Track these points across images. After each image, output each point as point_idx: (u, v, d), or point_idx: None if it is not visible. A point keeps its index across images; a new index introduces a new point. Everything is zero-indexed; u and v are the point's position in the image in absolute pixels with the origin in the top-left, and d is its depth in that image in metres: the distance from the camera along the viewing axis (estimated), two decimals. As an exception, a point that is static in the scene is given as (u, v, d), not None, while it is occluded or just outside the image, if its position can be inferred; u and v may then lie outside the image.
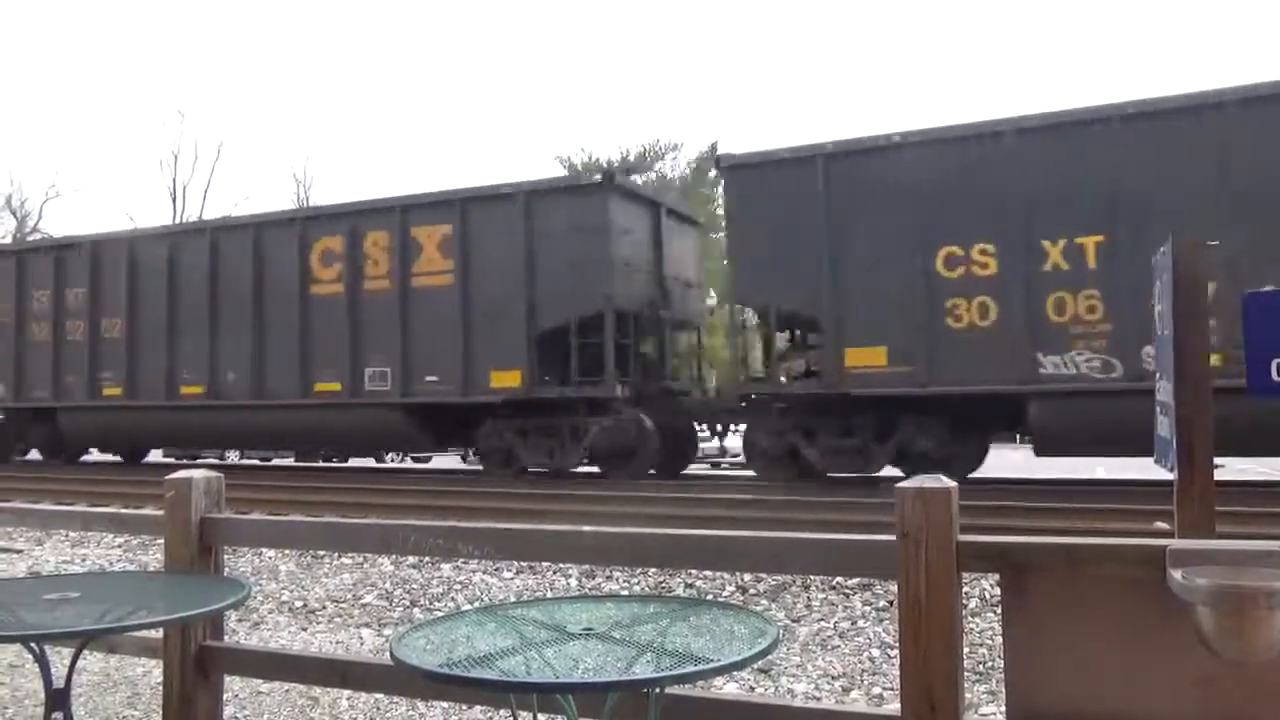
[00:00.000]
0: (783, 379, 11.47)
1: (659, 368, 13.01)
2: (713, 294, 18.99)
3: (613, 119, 66.67)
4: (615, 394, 11.75)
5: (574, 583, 6.53)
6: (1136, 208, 9.30)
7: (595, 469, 12.52)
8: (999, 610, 5.28)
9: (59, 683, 2.62)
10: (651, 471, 12.52)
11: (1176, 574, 1.88)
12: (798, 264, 10.82)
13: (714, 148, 41.11)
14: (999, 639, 4.95)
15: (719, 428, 13.12)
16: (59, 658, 3.34)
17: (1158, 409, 2.51)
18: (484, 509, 9.84)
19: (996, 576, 5.06)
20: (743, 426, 12.16)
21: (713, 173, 12.39)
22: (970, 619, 5.32)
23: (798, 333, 12.01)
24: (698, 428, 13.29)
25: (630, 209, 12.53)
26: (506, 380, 12.10)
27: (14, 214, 47.98)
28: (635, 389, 12.21)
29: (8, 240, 42.59)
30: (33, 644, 2.56)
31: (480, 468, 13.55)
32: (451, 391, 12.42)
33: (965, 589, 3.09)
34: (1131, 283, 8.94)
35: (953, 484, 2.19)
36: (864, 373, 10.54)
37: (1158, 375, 2.47)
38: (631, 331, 12.24)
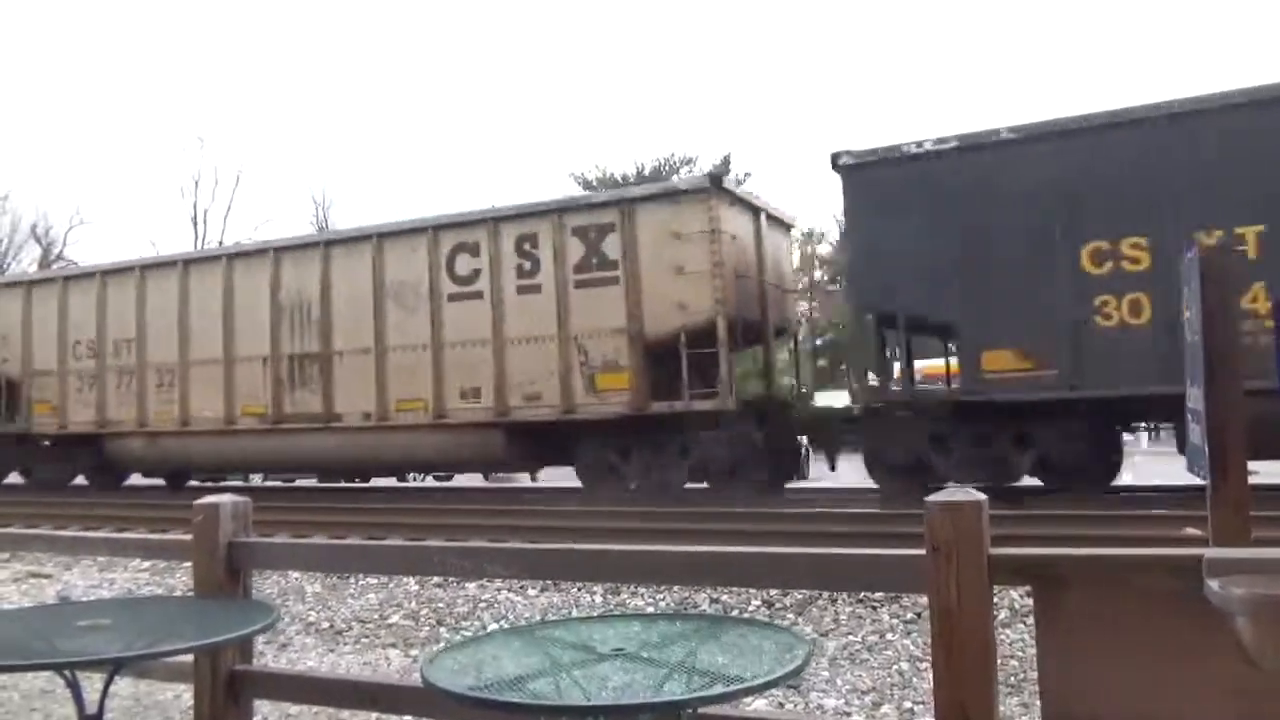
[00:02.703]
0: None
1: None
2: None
3: (627, 134, 67.07)
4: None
5: (599, 599, 6.50)
6: None
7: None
8: (1029, 621, 5.25)
9: (92, 709, 2.63)
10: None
11: (1214, 584, 1.85)
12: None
13: (727, 160, 41.20)
14: (1030, 650, 4.89)
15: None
16: (90, 684, 3.36)
17: (1188, 416, 2.47)
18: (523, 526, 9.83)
19: (1028, 588, 4.99)
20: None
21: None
22: (1000, 630, 5.26)
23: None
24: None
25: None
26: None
27: (39, 242, 48.69)
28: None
29: (34, 269, 43.23)
30: (66, 671, 2.58)
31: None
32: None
33: (994, 600, 3.06)
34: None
35: (982, 496, 2.17)
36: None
37: (1188, 382, 2.44)
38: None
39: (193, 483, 16.40)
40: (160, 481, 16.89)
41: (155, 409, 14.82)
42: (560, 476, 14.46)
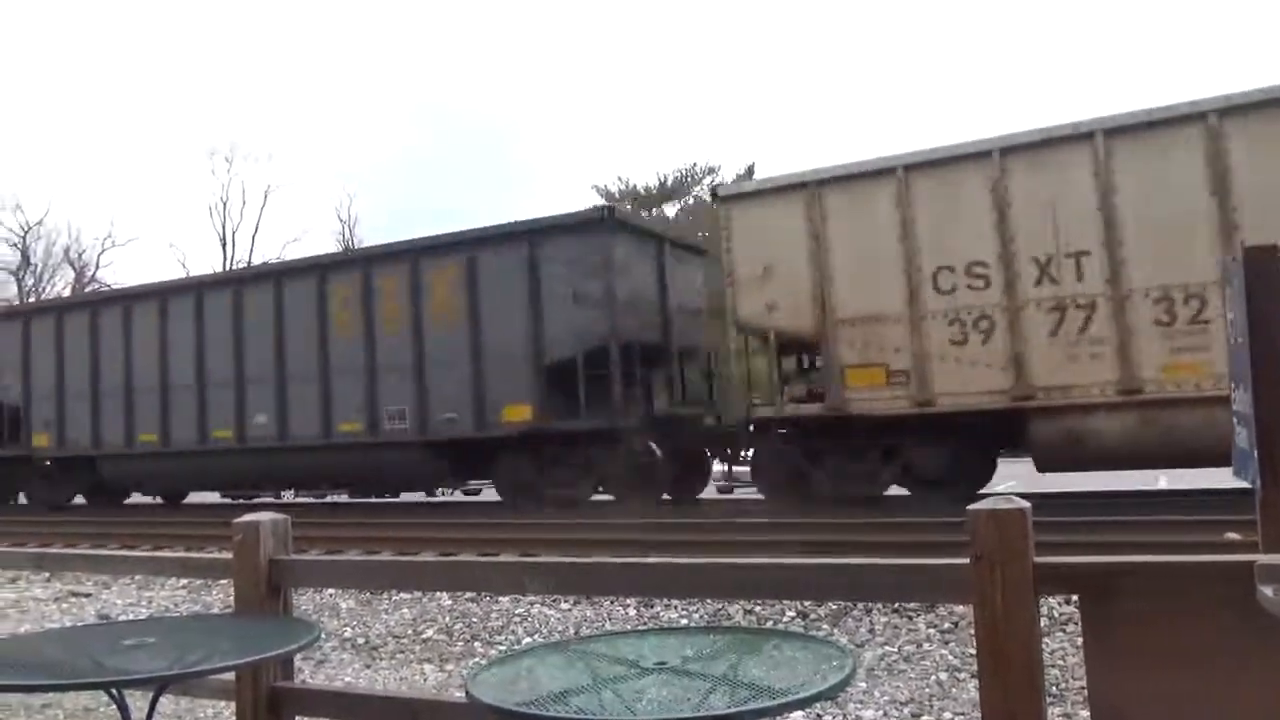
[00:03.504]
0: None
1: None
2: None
3: (650, 145, 67.22)
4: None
5: (632, 613, 6.49)
6: None
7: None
8: (1069, 629, 5.18)
9: (138, 727, 2.66)
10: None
11: (1267, 590, 1.82)
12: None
13: (750, 169, 41.21)
14: (1071, 659, 4.82)
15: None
16: (132, 700, 3.40)
17: (1234, 420, 2.44)
18: (524, 540, 9.86)
19: (1070, 596, 4.92)
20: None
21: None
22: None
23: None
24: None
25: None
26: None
27: (72, 265, 49.58)
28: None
29: (67, 292, 44.00)
30: (113, 689, 2.61)
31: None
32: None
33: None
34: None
35: (1026, 504, 2.15)
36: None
37: (1233, 385, 2.41)
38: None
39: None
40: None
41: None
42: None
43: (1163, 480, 13.58)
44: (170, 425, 15.49)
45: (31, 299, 40.20)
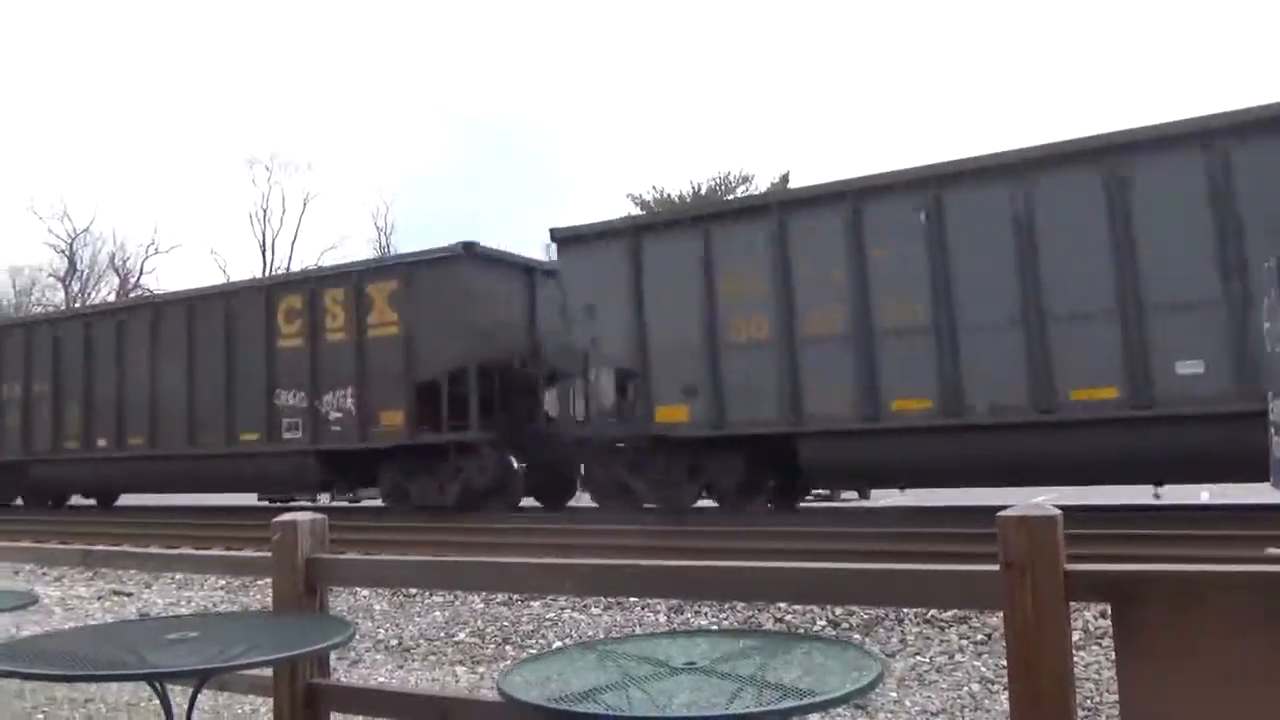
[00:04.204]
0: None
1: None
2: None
3: (685, 154, 67.32)
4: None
5: (662, 619, 6.50)
6: None
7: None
8: (1104, 643, 5.11)
9: (180, 719, 2.72)
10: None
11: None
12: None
13: (785, 178, 41.10)
14: (1105, 673, 4.76)
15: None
16: (173, 695, 3.48)
17: (1271, 429, 2.41)
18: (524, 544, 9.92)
19: (1103, 608, 4.87)
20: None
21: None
22: (1074, 652, 5.12)
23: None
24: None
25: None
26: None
27: (117, 272, 50.64)
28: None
29: (112, 298, 44.92)
30: (156, 682, 2.68)
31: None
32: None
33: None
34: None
35: (1057, 511, 2.14)
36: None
37: (1270, 395, 2.39)
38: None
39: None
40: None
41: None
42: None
43: (1205, 495, 13.35)
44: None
45: (77, 304, 41.11)
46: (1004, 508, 2.18)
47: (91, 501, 19.49)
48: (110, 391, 16.80)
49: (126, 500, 19.69)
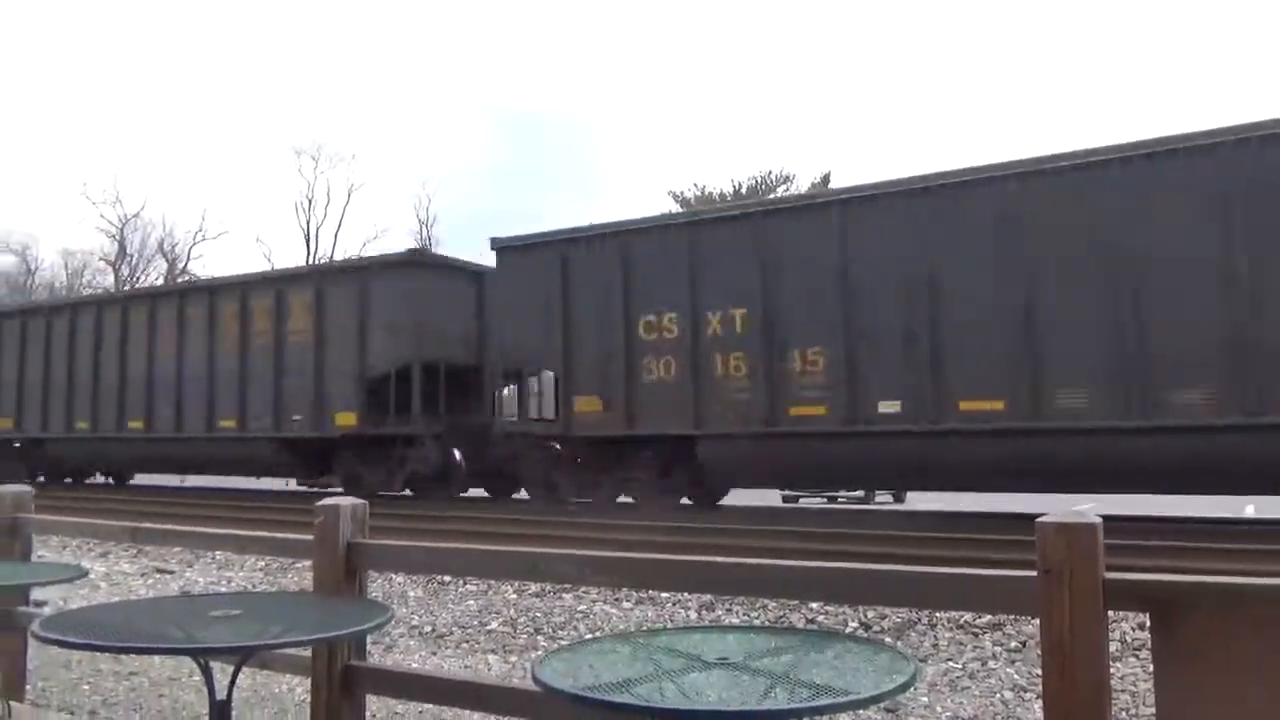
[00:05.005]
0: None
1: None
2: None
3: (727, 152, 67.10)
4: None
5: (694, 614, 6.52)
6: None
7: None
8: (1141, 655, 5.04)
9: (221, 694, 2.79)
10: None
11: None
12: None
13: (826, 178, 40.83)
14: (1142, 684, 4.69)
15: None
16: (214, 670, 3.56)
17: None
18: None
19: (1140, 618, 4.81)
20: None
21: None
22: (1111, 663, 5.06)
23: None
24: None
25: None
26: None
27: (165, 257, 51.65)
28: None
29: (160, 281, 45.82)
30: (200, 657, 2.75)
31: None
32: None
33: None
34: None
35: (1097, 519, 2.12)
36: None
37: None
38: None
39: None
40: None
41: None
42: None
43: (1250, 508, 13.08)
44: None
45: (126, 288, 42.01)
46: (1041, 515, 2.16)
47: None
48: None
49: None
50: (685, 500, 12.93)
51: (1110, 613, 2.11)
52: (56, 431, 18.71)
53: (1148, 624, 2.23)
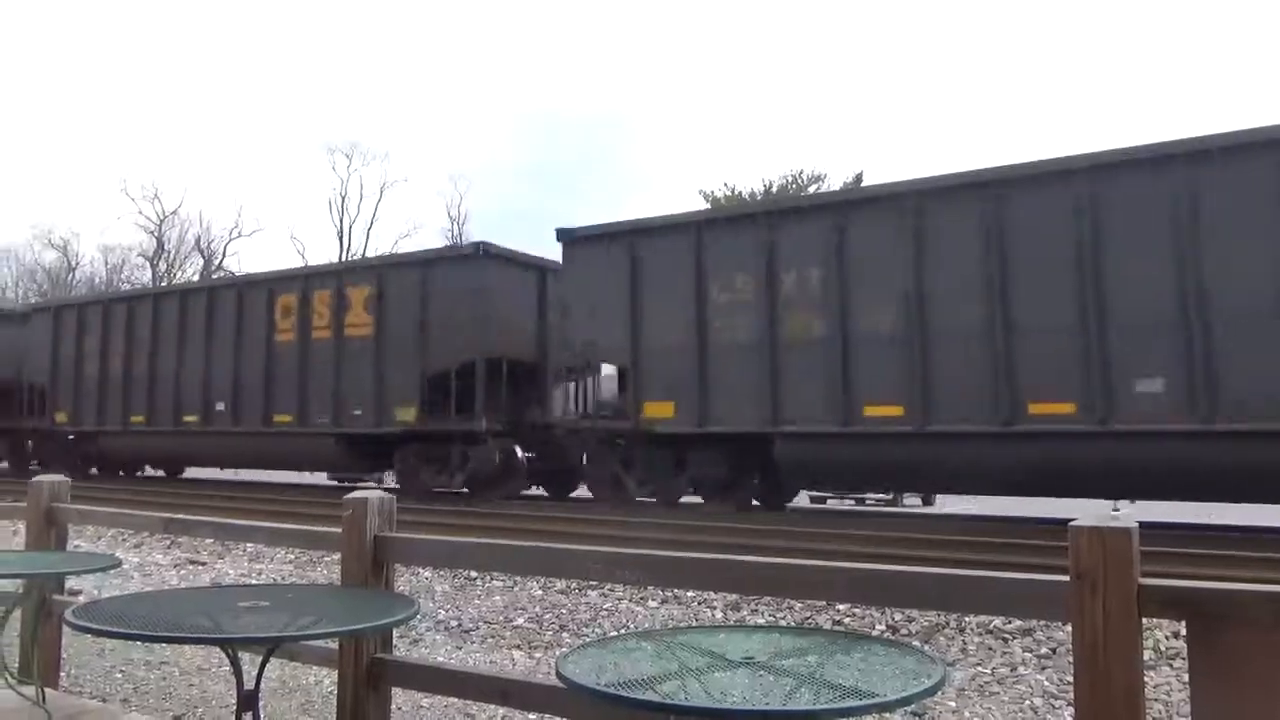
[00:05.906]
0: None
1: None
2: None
3: (758, 151, 66.85)
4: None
5: (719, 614, 6.50)
6: None
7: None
8: (1175, 664, 4.94)
9: (249, 684, 2.82)
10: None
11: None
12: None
13: (859, 177, 40.52)
14: (1176, 695, 4.61)
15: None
16: (243, 660, 3.59)
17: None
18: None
19: (1176, 627, 4.72)
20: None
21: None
22: (1145, 672, 4.97)
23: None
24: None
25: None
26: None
27: (202, 253, 52.40)
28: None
29: (196, 278, 46.48)
30: (229, 648, 2.77)
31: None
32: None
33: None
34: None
35: (1133, 524, 2.08)
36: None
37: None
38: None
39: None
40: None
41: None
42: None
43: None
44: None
45: (164, 284, 42.65)
46: (1072, 519, 2.13)
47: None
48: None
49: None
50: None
51: (1144, 620, 2.06)
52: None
53: (1183, 632, 2.18)
